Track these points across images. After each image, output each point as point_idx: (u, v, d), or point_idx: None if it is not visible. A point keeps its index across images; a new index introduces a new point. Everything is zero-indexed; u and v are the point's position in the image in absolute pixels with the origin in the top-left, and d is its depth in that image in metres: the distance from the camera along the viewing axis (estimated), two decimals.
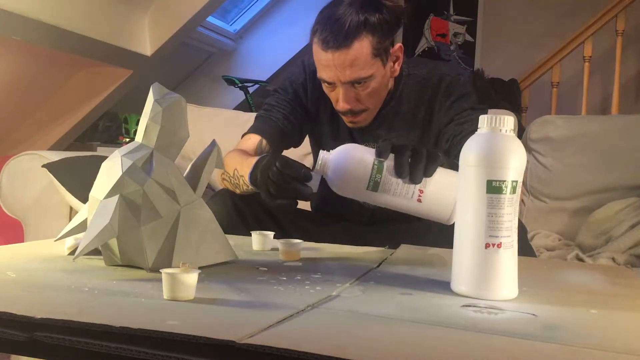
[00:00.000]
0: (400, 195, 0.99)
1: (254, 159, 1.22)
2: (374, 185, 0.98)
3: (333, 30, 1.28)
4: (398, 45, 1.39)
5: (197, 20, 3.18)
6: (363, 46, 1.30)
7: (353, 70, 1.31)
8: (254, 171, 1.20)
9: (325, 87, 1.40)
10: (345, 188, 1.01)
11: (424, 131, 1.46)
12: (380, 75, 1.36)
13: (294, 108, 1.52)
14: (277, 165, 1.07)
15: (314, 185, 1.09)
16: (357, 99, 1.37)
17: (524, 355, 0.58)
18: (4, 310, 0.62)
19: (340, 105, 1.36)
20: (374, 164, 0.97)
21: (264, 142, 1.47)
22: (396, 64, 1.41)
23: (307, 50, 4.56)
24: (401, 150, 0.98)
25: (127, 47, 2.89)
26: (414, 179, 0.97)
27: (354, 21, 1.28)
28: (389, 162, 0.98)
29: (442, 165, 1.02)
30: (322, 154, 1.02)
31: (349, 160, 1.00)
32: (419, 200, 0.98)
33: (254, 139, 1.47)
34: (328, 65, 1.32)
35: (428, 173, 0.98)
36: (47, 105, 3.03)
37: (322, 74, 1.35)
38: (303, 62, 1.55)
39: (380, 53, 1.34)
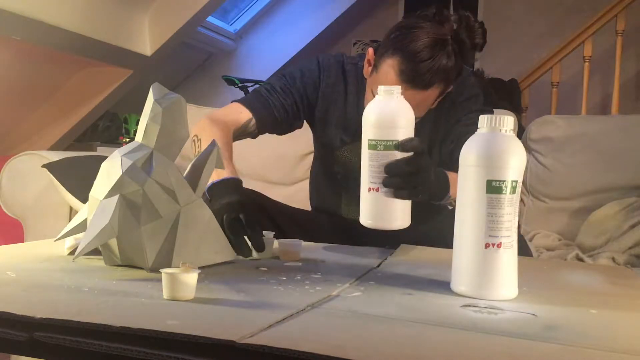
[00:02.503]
0: (371, 171, 0.98)
1: (227, 172, 1.15)
2: (371, 145, 0.98)
3: (416, 69, 1.24)
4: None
5: (197, 20, 3.18)
6: (435, 93, 1.29)
7: (416, 110, 1.21)
8: (219, 187, 1.12)
9: (368, 74, 1.36)
10: (367, 118, 1.00)
11: (433, 127, 1.46)
12: (430, 94, 1.31)
13: (295, 101, 1.48)
14: (243, 218, 1.03)
15: (265, 250, 1.05)
16: None
17: (524, 355, 0.58)
18: (4, 310, 0.62)
19: None
20: (394, 139, 0.97)
21: (253, 121, 1.41)
22: (437, 100, 1.39)
23: (307, 50, 4.51)
24: (417, 161, 0.97)
25: (127, 47, 2.89)
26: (389, 182, 0.97)
27: (438, 68, 1.24)
28: (399, 153, 0.97)
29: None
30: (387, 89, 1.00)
31: (392, 110, 0.99)
32: (369, 189, 0.98)
33: (245, 115, 1.41)
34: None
35: (401, 195, 0.98)
36: (47, 105, 3.03)
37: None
38: (318, 59, 1.52)
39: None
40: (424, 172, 0.99)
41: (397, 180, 0.97)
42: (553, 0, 4.44)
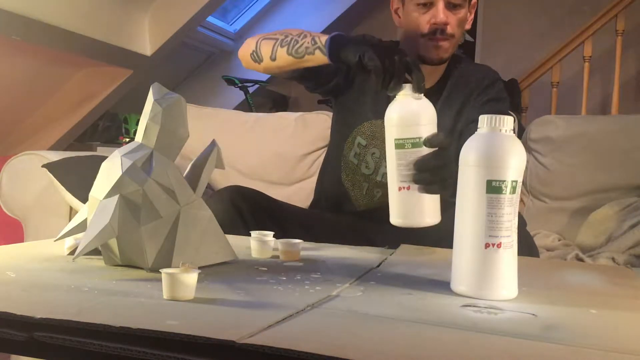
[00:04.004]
0: (399, 170, 0.99)
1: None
2: (398, 145, 0.99)
3: None
4: (475, 0, 1.48)
5: (197, 20, 3.18)
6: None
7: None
8: (350, 44, 1.18)
9: (417, 10, 1.43)
10: (391, 118, 1.01)
11: (455, 122, 1.48)
12: (467, 10, 1.45)
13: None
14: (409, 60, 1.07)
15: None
16: (449, 21, 1.41)
17: (524, 355, 0.58)
18: (4, 310, 0.62)
19: (440, 17, 1.40)
20: (420, 136, 0.98)
21: None
22: (470, 18, 1.49)
23: None
24: (444, 155, 0.99)
25: (127, 47, 2.89)
26: (420, 178, 0.98)
27: None
28: (425, 149, 0.98)
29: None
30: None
31: (415, 108, 1.00)
32: (399, 189, 1.00)
33: None
34: None
35: (433, 190, 0.99)
36: (47, 105, 3.03)
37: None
38: (364, 35, 1.55)
39: None
40: (450, 165, 1.00)
41: (426, 175, 0.98)
42: (553, 0, 4.44)
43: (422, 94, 1.03)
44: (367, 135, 1.52)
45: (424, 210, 1.01)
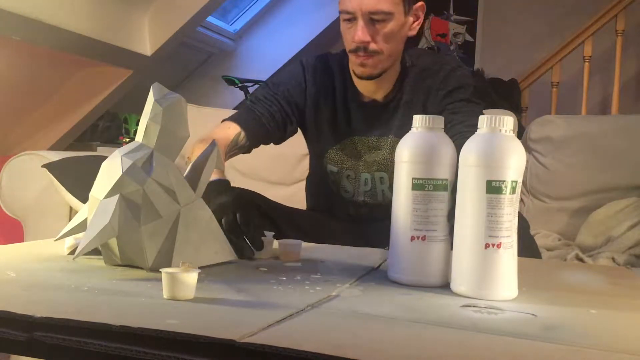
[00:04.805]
0: (415, 215, 0.87)
1: (218, 173, 1.16)
2: (417, 185, 0.86)
3: None
4: (421, 3, 1.40)
5: (197, 20, 3.18)
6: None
7: (376, 1, 1.32)
8: (211, 190, 1.07)
9: (343, 25, 1.38)
10: (405, 152, 0.88)
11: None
12: (400, 21, 1.36)
13: (282, 106, 1.47)
14: (238, 218, 1.03)
15: (264, 251, 1.04)
16: (373, 38, 1.35)
17: (524, 355, 0.58)
18: (4, 309, 0.62)
19: (357, 35, 1.34)
20: (444, 177, 0.87)
21: (242, 134, 1.42)
22: (415, 23, 1.41)
23: (307, 50, 4.50)
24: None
25: (127, 47, 2.89)
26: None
27: None
28: (446, 196, 0.87)
29: None
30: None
31: (437, 144, 0.87)
32: (412, 238, 0.87)
33: (233, 129, 1.42)
34: None
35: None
36: (47, 105, 3.03)
37: (345, 3, 1.35)
38: (301, 61, 1.53)
39: None
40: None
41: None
42: (553, 1, 4.44)
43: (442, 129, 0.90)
44: (335, 161, 1.52)
45: (441, 267, 0.87)
